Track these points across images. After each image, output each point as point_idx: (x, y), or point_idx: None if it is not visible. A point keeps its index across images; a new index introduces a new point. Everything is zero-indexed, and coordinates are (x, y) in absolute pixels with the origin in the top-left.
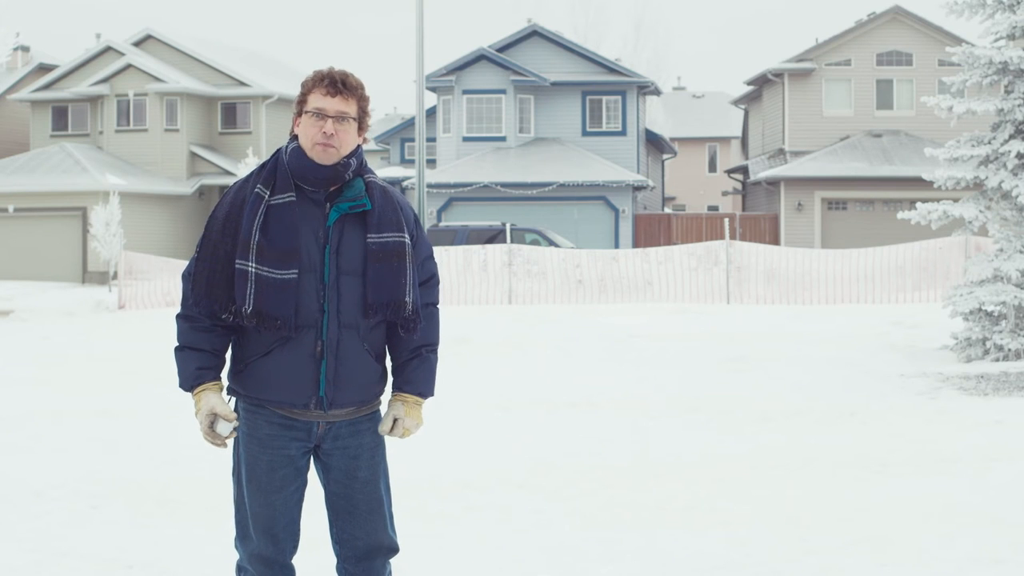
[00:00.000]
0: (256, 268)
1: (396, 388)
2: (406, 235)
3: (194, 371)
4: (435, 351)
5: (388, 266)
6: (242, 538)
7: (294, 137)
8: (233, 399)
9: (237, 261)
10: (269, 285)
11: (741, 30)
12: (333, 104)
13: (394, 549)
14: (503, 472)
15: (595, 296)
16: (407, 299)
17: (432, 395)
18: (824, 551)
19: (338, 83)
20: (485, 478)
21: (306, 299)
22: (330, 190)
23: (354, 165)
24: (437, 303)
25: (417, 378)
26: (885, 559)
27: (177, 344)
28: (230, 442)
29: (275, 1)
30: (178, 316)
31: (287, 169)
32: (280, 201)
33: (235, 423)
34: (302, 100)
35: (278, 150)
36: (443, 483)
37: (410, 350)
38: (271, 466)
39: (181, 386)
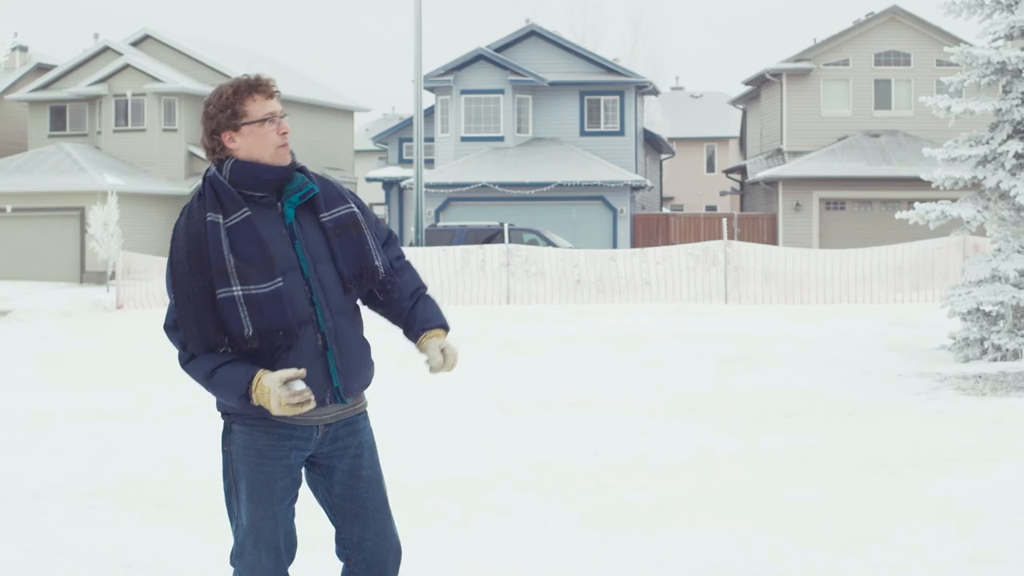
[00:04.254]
0: (242, 290)
1: (420, 330)
2: (352, 205)
3: (243, 371)
4: (428, 291)
5: (348, 237)
6: (239, 555)
7: (220, 160)
8: (231, 423)
9: (219, 291)
10: (261, 301)
11: (739, 30)
12: (276, 104)
13: (400, 552)
14: (502, 472)
15: (593, 296)
16: (376, 263)
17: (448, 328)
18: (823, 551)
19: (272, 85)
20: (484, 478)
21: (297, 298)
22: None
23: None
24: (404, 255)
25: (432, 313)
26: (884, 559)
27: (207, 373)
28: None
29: (274, 2)
30: (185, 364)
31: (230, 187)
32: (236, 220)
33: (303, 374)
34: (235, 114)
35: (205, 176)
36: (442, 483)
37: (407, 297)
38: (271, 477)
39: (239, 396)
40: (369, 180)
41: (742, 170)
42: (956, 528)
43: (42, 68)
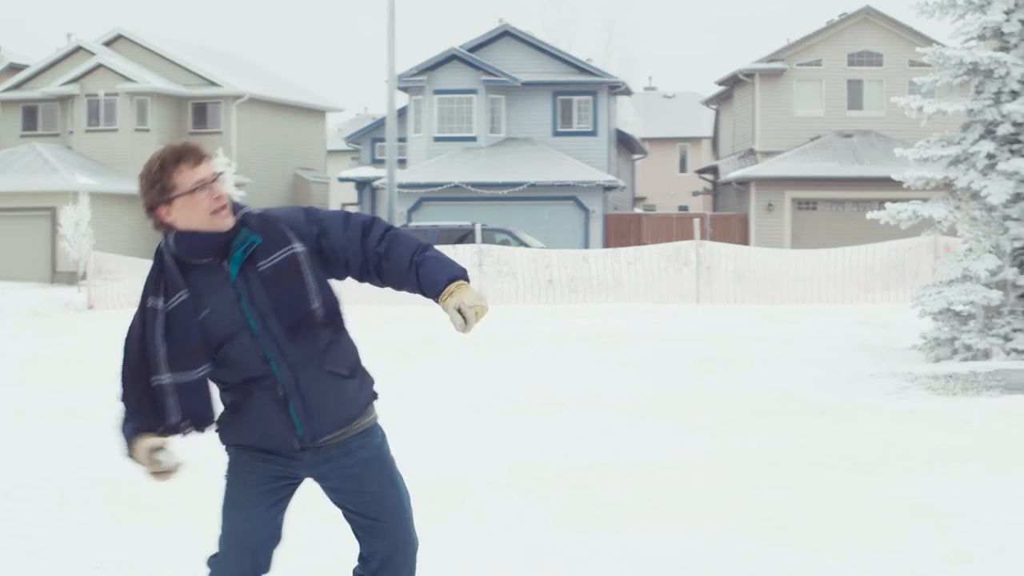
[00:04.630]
0: (172, 378)
1: (434, 297)
2: (295, 244)
3: (128, 434)
4: (428, 249)
5: (285, 284)
6: (215, 556)
7: (166, 231)
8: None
9: (153, 379)
10: (189, 389)
11: (713, 31)
12: (207, 169)
13: (414, 564)
14: (476, 473)
15: (565, 296)
16: (313, 307)
17: (462, 274)
18: (796, 551)
19: (199, 150)
20: (459, 479)
21: (249, 357)
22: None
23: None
24: (389, 228)
25: (435, 276)
26: (857, 559)
27: (119, 425)
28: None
29: (247, 1)
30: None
31: (173, 264)
32: (174, 304)
33: (168, 449)
34: (164, 188)
35: (157, 250)
36: (417, 485)
37: (407, 271)
38: (247, 484)
39: (126, 456)
40: (342, 180)
41: (714, 170)
42: (929, 528)
43: (14, 68)
